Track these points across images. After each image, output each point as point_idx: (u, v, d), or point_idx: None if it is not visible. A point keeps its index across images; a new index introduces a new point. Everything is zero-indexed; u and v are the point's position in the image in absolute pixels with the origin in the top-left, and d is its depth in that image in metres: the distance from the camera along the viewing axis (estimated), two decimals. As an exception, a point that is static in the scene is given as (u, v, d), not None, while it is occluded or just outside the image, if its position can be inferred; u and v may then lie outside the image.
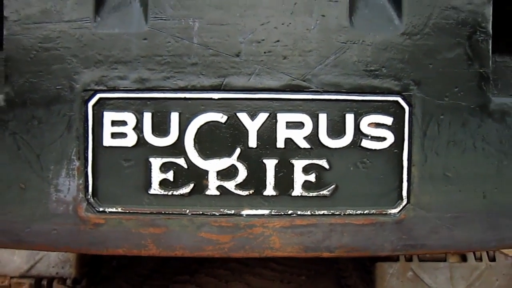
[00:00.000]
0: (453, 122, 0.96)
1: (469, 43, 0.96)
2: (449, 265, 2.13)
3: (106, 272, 3.18)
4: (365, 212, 0.95)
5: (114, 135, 0.94)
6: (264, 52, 0.91)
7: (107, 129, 0.94)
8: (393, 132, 0.95)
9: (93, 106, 0.93)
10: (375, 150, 0.95)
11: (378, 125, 0.94)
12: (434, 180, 0.96)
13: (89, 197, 0.95)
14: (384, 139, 0.95)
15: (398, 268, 2.11)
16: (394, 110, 0.95)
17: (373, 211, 0.96)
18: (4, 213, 0.96)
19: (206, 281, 3.23)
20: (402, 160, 0.95)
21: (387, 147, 0.95)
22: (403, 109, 0.94)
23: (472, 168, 0.98)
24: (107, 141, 0.94)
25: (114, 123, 0.93)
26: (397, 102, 0.94)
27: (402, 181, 0.96)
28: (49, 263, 2.31)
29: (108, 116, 0.93)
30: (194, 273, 3.40)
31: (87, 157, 0.94)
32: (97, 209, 0.95)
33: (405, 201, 0.96)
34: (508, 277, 2.11)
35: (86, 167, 0.94)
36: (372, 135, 0.94)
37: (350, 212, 0.95)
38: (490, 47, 0.98)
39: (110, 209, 0.95)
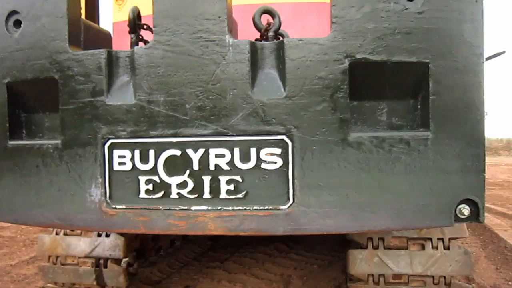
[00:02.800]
0: (322, 150, 1.55)
1: (332, 100, 1.54)
2: (409, 252, 2.59)
3: (152, 259, 4.00)
4: (265, 208, 1.58)
5: (119, 164, 1.66)
6: (201, 114, 1.58)
7: (116, 160, 1.66)
8: (281, 158, 1.56)
9: (108, 147, 1.66)
10: (270, 169, 1.57)
11: (272, 154, 1.57)
12: (310, 188, 1.56)
13: (107, 199, 1.68)
14: (275, 162, 1.57)
15: (366, 254, 2.61)
16: (281, 144, 1.56)
17: (270, 207, 1.58)
18: (62, 209, 1.72)
19: (233, 267, 3.92)
20: (288, 176, 1.57)
21: (278, 168, 1.57)
22: (287, 143, 1.56)
23: (338, 180, 1.56)
24: (116, 167, 1.66)
25: (119, 156, 1.66)
26: (283, 139, 1.56)
27: (289, 189, 1.57)
28: (104, 247, 3.04)
29: (116, 153, 1.66)
30: (224, 261, 4.11)
31: (105, 176, 1.67)
32: (112, 206, 1.68)
33: (291, 201, 1.57)
34: (460, 263, 2.53)
35: (105, 182, 1.67)
36: (268, 160, 1.57)
37: (256, 208, 1.58)
38: (348, 100, 1.55)
39: (118, 206, 1.67)
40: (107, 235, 3.06)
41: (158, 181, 1.63)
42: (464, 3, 1.56)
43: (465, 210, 1.61)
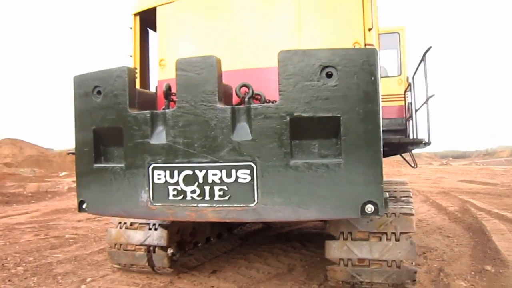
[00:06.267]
0: (274, 171, 2.67)
1: (279, 140, 2.66)
2: (369, 243, 3.60)
3: (191, 251, 5.20)
4: (241, 205, 2.72)
5: (158, 179, 2.88)
6: (203, 149, 2.76)
7: (156, 177, 2.88)
8: (250, 176, 2.70)
9: (151, 169, 2.89)
10: (244, 183, 2.72)
11: (244, 173, 2.71)
12: (268, 193, 2.68)
13: (151, 199, 2.91)
14: (246, 178, 2.71)
15: (338, 244, 3.66)
16: (250, 167, 2.70)
17: (244, 205, 2.72)
18: (125, 205, 2.97)
19: (253, 258, 5.06)
20: (254, 186, 2.70)
21: (248, 182, 2.71)
22: (253, 167, 2.69)
23: (285, 188, 2.67)
24: (156, 181, 2.89)
25: (157, 174, 2.88)
26: (251, 165, 2.69)
27: (254, 194, 2.70)
28: (153, 237, 4.30)
29: (156, 172, 2.88)
30: (247, 254, 5.25)
31: (150, 186, 2.90)
32: (154, 204, 2.90)
33: (256, 201, 2.70)
34: (407, 251, 3.50)
35: (149, 189, 2.90)
36: (242, 177, 2.71)
37: (236, 205, 2.73)
38: (290, 140, 2.65)
39: (157, 204, 2.89)
40: (155, 229, 4.34)
41: (180, 189, 2.83)
42: (363, 80, 2.61)
43: (369, 208, 2.65)
